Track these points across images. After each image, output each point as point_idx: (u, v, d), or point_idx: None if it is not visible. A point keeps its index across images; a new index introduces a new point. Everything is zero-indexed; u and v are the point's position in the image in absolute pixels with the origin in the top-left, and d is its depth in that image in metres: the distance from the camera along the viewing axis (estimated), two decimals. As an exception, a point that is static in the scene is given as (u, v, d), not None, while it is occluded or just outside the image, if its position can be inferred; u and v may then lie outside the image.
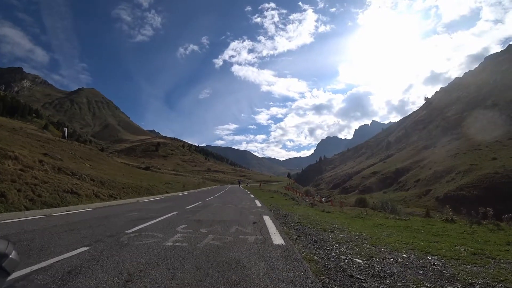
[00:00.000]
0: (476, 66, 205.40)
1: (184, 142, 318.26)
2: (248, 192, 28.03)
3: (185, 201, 12.19)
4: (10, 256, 0.79)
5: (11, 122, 45.20)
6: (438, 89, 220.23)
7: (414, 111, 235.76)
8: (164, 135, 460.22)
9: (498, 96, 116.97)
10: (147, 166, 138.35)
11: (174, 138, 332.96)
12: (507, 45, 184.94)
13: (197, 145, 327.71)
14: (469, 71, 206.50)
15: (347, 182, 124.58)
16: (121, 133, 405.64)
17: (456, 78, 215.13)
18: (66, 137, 41.92)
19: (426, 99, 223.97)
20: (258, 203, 12.04)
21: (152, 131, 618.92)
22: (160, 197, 15.39)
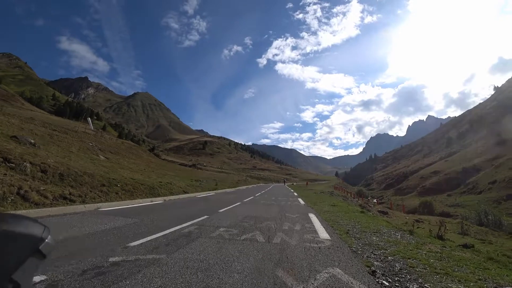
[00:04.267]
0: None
1: (231, 140, 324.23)
2: (295, 193, 24.54)
3: (170, 217, 7.50)
4: (46, 240, 0.83)
5: (64, 121, 47.97)
6: (510, 77, 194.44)
7: (479, 103, 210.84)
8: (211, 134, 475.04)
9: None
10: (193, 163, 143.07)
11: (220, 137, 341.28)
12: None
13: (243, 144, 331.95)
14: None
15: (402, 182, 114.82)
16: (172, 133, 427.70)
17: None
18: (92, 128, 43.33)
19: (495, 88, 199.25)
20: (317, 223, 7.21)
21: (201, 131, 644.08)
22: (147, 203, 11.17)
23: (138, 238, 4.69)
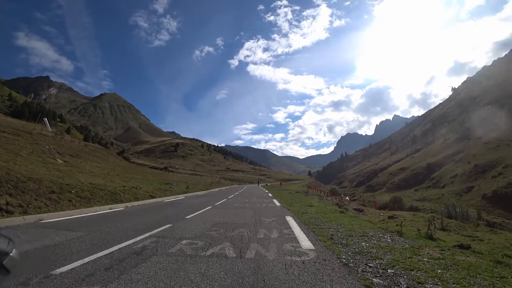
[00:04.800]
0: (506, 53, 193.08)
1: (203, 142, 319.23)
2: (270, 194, 23.76)
3: (126, 227, 6.32)
4: (11, 254, 0.80)
5: (18, 123, 44.10)
6: (465, 79, 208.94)
7: (440, 103, 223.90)
8: (183, 136, 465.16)
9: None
10: (165, 166, 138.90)
11: (193, 139, 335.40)
12: None
13: (216, 145, 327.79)
14: (498, 58, 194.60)
15: (372, 179, 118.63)
16: (142, 135, 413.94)
17: (485, 67, 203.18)
18: (50, 130, 40.19)
19: (453, 89, 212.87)
20: (293, 224, 6.90)
21: (172, 133, 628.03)
22: (104, 211, 9.86)
23: (72, 261, 3.59)
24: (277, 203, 13.77)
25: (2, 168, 10.29)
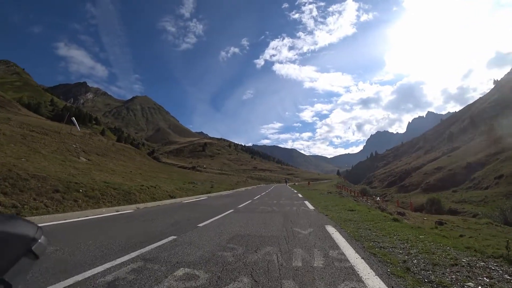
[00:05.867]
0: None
1: (231, 142, 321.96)
2: (300, 195, 21.69)
3: (115, 240, 4.97)
4: (39, 240, 0.85)
5: (51, 124, 45.49)
6: (508, 71, 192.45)
7: (479, 98, 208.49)
8: (211, 136, 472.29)
9: None
10: (193, 166, 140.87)
11: (220, 139, 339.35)
12: None
13: (243, 145, 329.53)
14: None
15: (405, 179, 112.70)
16: (171, 135, 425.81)
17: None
18: (79, 129, 40.73)
19: (495, 82, 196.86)
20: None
21: (200, 133, 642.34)
22: (110, 213, 8.62)
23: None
24: (310, 206, 12.09)
25: (5, 165, 9.48)
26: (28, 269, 0.78)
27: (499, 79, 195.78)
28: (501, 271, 3.58)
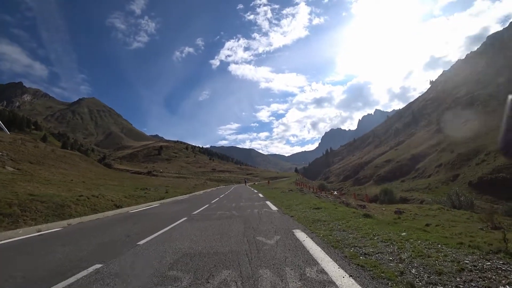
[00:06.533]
0: (478, 47, 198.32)
1: (188, 144, 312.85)
2: (261, 195, 20.12)
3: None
4: None
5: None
6: (441, 73, 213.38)
7: (419, 96, 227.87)
8: (167, 139, 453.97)
9: (510, 72, 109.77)
10: (149, 170, 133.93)
11: (177, 141, 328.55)
12: (508, 23, 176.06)
13: (201, 147, 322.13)
14: (471, 52, 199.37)
15: (359, 172, 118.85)
16: (124, 140, 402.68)
17: (459, 60, 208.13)
18: (8, 132, 36.34)
19: (431, 82, 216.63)
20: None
21: (156, 136, 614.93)
22: (22, 236, 6.87)
23: None
24: (273, 207, 11.15)
25: None
26: None
27: (434, 80, 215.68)
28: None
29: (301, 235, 5.32)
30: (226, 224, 7.40)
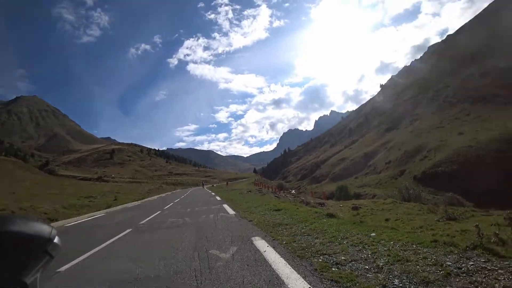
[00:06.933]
0: (421, 55, 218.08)
1: (143, 147, 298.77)
2: (218, 198, 19.72)
3: None
4: (54, 241, 0.84)
5: None
6: (389, 78, 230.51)
7: (370, 98, 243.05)
8: (120, 141, 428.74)
9: (448, 78, 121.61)
10: (99, 176, 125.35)
11: (131, 144, 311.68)
12: (445, 35, 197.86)
13: (157, 149, 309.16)
14: (415, 60, 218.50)
15: (316, 171, 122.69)
16: (72, 143, 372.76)
17: (405, 67, 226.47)
18: None
19: (381, 86, 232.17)
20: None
21: (108, 139, 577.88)
22: None
23: None
24: (230, 211, 10.35)
25: None
26: (43, 270, 0.76)
27: (383, 84, 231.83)
28: (501, 270, 2.76)
29: (261, 243, 4.64)
30: (176, 235, 6.48)
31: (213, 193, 27.10)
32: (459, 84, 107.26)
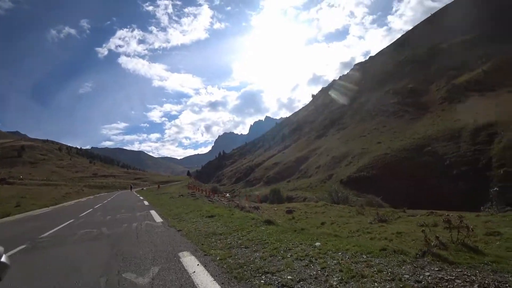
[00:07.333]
0: (348, 71, 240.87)
1: (62, 144, 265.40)
2: (146, 202, 17.56)
3: None
4: (1, 259, 0.71)
5: None
6: (320, 89, 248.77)
7: (303, 107, 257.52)
8: (32, 137, 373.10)
9: (369, 94, 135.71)
10: (2, 177, 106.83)
11: (47, 140, 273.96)
12: (368, 56, 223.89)
13: (79, 148, 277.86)
14: (343, 75, 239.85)
15: (250, 175, 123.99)
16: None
17: (334, 80, 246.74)
18: None
19: (313, 96, 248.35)
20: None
21: (16, 133, 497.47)
22: None
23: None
24: (158, 218, 9.18)
25: None
26: None
27: (315, 94, 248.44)
28: (459, 280, 2.65)
29: (190, 261, 3.86)
30: (84, 252, 5.24)
31: (141, 197, 24.88)
32: (377, 99, 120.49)
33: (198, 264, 3.64)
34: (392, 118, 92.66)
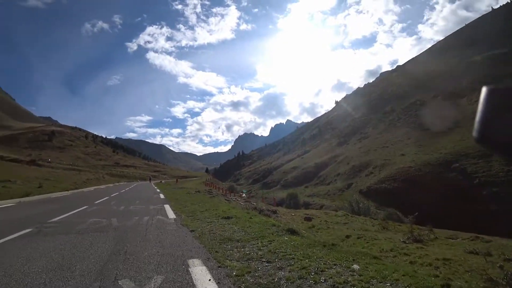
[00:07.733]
0: (373, 80, 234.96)
1: (88, 132, 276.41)
2: (162, 195, 16.96)
3: None
4: None
5: None
6: (344, 95, 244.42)
7: (325, 112, 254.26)
8: (62, 123, 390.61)
9: (395, 104, 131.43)
10: (32, 159, 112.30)
11: (75, 128, 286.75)
12: (395, 66, 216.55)
13: (104, 137, 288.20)
14: (368, 83, 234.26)
15: (267, 177, 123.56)
16: (2, 118, 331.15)
17: (359, 88, 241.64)
18: None
19: (336, 102, 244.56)
20: None
21: (48, 118, 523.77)
22: None
23: None
24: (171, 213, 8.68)
25: None
26: None
27: (338, 100, 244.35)
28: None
29: (200, 272, 3.21)
30: (86, 245, 4.74)
31: (158, 190, 24.83)
32: (403, 110, 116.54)
33: (210, 280, 2.97)
34: (418, 130, 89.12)
